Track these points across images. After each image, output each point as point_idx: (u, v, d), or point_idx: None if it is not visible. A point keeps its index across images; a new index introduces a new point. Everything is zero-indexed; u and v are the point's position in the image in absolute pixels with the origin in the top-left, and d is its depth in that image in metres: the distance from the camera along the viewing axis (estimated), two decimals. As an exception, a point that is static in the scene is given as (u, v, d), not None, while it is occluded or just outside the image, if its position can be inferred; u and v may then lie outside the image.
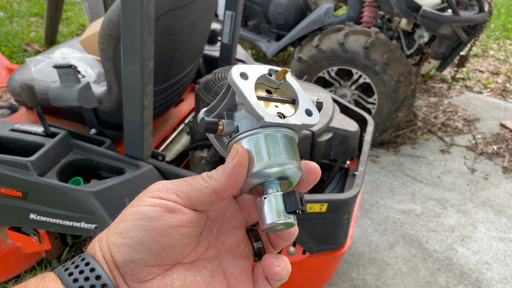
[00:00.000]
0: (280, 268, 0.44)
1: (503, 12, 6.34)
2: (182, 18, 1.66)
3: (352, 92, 3.15)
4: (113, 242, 0.41)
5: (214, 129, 0.45)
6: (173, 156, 2.00)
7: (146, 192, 0.43)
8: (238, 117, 0.46)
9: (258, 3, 4.03)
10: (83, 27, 5.34)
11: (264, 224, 0.44)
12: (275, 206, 0.43)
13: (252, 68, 0.46)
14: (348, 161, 1.96)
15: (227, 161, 0.43)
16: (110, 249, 0.41)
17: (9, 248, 1.83)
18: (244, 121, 0.46)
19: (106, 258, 0.41)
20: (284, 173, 0.44)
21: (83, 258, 0.42)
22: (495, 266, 2.33)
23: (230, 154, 0.43)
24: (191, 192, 0.42)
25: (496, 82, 4.40)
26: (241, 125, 0.46)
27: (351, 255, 2.36)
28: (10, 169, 1.48)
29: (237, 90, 0.44)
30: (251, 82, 0.45)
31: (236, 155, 0.42)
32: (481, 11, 3.08)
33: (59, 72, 1.61)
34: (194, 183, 0.43)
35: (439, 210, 2.71)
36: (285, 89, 0.49)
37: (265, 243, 0.49)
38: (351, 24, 3.05)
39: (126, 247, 0.40)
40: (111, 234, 0.42)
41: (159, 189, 0.43)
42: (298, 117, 0.46)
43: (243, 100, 0.44)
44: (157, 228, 0.40)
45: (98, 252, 0.42)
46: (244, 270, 0.46)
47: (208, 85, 1.78)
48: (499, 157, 3.24)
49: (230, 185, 0.42)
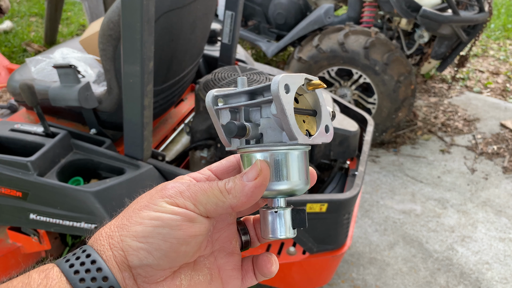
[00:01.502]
0: (275, 268, 0.47)
1: (503, 12, 6.34)
2: (182, 18, 1.66)
3: (352, 92, 3.15)
4: (129, 244, 0.40)
5: (242, 135, 0.44)
6: (173, 156, 2.00)
7: (163, 196, 0.42)
8: (264, 124, 0.45)
9: (258, 3, 4.03)
10: (83, 27, 5.34)
11: (268, 235, 0.46)
12: (285, 222, 0.45)
13: (293, 78, 0.44)
14: (348, 161, 1.96)
15: (248, 175, 0.43)
16: (125, 250, 0.40)
17: (9, 248, 1.83)
18: (271, 132, 0.44)
19: (117, 258, 0.40)
20: (294, 192, 0.45)
21: (88, 254, 0.40)
22: (495, 266, 2.33)
23: (253, 171, 0.43)
24: (208, 204, 0.42)
25: (496, 82, 4.40)
26: (267, 135, 0.45)
27: (351, 255, 2.36)
28: (10, 169, 1.48)
29: (278, 105, 0.42)
30: (291, 96, 0.43)
31: (260, 175, 0.42)
32: (481, 11, 3.08)
33: (59, 72, 1.60)
34: (211, 195, 0.42)
35: (439, 210, 2.71)
36: (308, 97, 0.48)
37: (252, 237, 0.51)
38: (351, 24, 3.05)
39: (143, 252, 0.40)
40: (126, 235, 0.41)
41: (176, 195, 0.42)
42: (320, 136, 0.45)
43: (281, 116, 0.42)
44: (177, 237, 0.40)
45: (108, 251, 0.41)
46: (236, 266, 0.48)
47: (208, 85, 1.78)
48: (499, 157, 3.24)
49: (247, 203, 0.43)
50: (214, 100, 0.47)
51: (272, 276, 0.48)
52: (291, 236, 0.45)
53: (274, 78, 0.42)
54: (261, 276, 0.48)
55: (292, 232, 0.45)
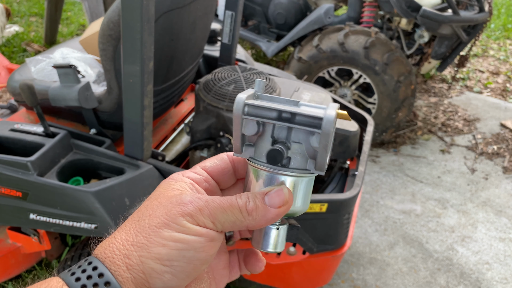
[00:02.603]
0: (262, 264, 0.50)
1: (503, 12, 6.34)
2: (182, 18, 1.66)
3: (352, 92, 3.15)
4: (152, 267, 0.39)
5: (280, 160, 0.43)
6: (173, 156, 2.00)
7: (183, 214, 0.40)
8: (295, 150, 0.44)
9: (258, 3, 4.03)
10: (83, 27, 5.34)
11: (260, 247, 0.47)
12: (281, 238, 0.46)
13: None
14: (348, 161, 1.96)
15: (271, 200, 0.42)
16: (147, 273, 0.39)
17: (9, 248, 1.83)
18: (300, 158, 0.44)
19: (136, 280, 0.39)
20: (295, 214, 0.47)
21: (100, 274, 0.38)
22: (495, 266, 2.33)
23: (278, 196, 0.42)
24: (226, 222, 0.42)
25: (496, 82, 4.40)
26: (294, 160, 0.44)
27: (351, 255, 2.35)
28: (10, 169, 1.48)
29: (324, 141, 0.41)
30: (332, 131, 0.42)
31: (285, 205, 0.43)
32: (481, 11, 3.08)
33: (59, 72, 1.60)
34: (231, 214, 0.42)
35: (439, 210, 2.71)
36: None
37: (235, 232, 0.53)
38: (351, 24, 3.05)
39: (168, 275, 0.39)
40: (148, 257, 0.39)
41: (195, 212, 0.41)
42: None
43: (322, 151, 0.42)
44: (201, 258, 0.41)
45: (125, 273, 0.39)
46: (226, 265, 0.50)
47: (208, 85, 1.78)
48: (499, 157, 3.24)
49: (263, 225, 0.43)
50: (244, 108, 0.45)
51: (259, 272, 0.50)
52: (281, 250, 0.47)
53: (327, 114, 0.40)
54: (246, 270, 0.50)
55: (282, 247, 0.47)
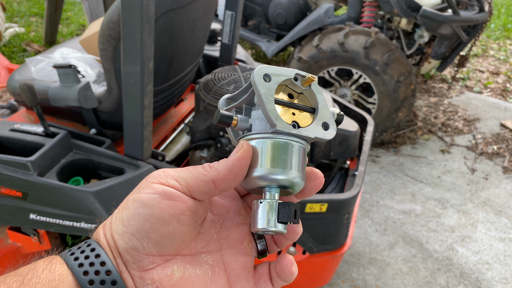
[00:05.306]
0: (295, 268, 0.45)
1: (503, 12, 6.34)
2: (182, 18, 1.66)
3: (352, 92, 3.15)
4: (116, 230, 0.42)
5: (227, 123, 0.45)
6: (173, 156, 2.00)
7: (147, 178, 0.43)
8: (254, 116, 0.46)
9: (258, 3, 4.03)
10: (83, 27, 5.34)
11: (254, 227, 0.45)
12: (268, 214, 0.44)
13: (278, 70, 0.45)
14: (348, 161, 1.96)
15: (231, 155, 0.44)
16: (113, 236, 0.42)
17: (9, 248, 1.83)
18: (259, 122, 0.46)
19: (110, 245, 0.42)
20: (284, 183, 0.44)
21: (88, 244, 0.42)
22: (495, 266, 2.33)
23: (236, 149, 0.44)
24: (189, 179, 0.43)
25: (496, 82, 4.40)
26: (255, 125, 0.46)
27: (351, 255, 2.35)
28: (10, 169, 1.48)
29: (256, 92, 0.44)
30: (272, 85, 0.44)
31: (240, 149, 0.43)
32: (481, 11, 3.08)
33: (59, 72, 1.60)
34: (194, 171, 0.43)
35: (439, 210, 2.71)
36: (308, 96, 0.48)
37: (268, 241, 0.49)
38: (351, 24, 3.05)
39: (128, 235, 0.41)
40: (114, 222, 0.42)
41: (159, 175, 0.43)
42: (313, 130, 0.45)
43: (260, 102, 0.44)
44: (156, 216, 0.41)
45: (103, 238, 0.43)
46: (245, 267, 0.47)
47: (208, 85, 1.78)
48: (499, 157, 3.24)
49: (229, 177, 0.43)
50: (224, 103, 0.49)
51: (292, 279, 0.45)
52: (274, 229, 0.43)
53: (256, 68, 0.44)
54: (280, 281, 0.46)
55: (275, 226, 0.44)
